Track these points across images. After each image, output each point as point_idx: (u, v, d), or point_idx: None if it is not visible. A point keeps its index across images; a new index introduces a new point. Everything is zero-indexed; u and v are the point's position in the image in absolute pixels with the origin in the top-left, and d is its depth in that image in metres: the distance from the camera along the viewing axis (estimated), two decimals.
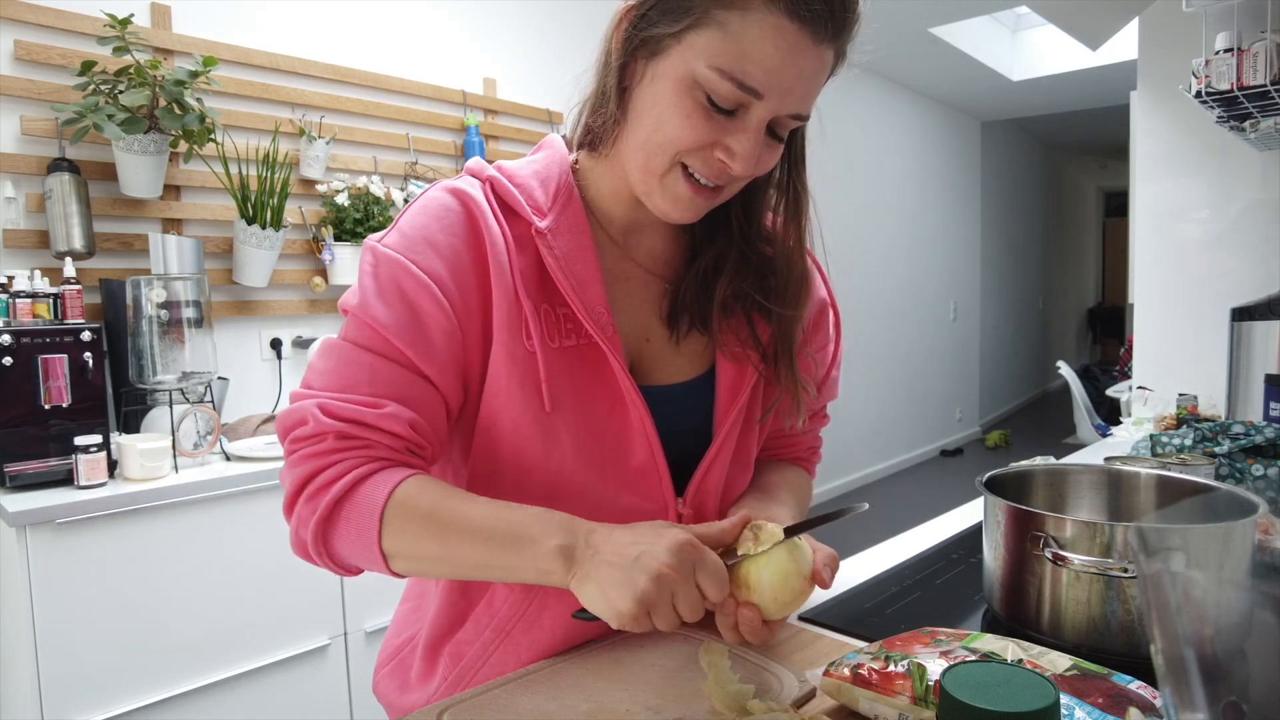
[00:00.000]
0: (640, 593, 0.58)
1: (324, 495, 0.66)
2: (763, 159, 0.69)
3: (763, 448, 0.90)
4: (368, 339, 0.69)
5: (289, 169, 2.32)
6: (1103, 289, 10.95)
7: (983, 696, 0.44)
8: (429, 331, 0.69)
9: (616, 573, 0.60)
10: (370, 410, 0.67)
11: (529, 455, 0.73)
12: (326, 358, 0.70)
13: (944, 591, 0.93)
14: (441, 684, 0.80)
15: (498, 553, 0.64)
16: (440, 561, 0.67)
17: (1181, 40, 2.20)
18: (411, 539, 0.65)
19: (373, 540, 0.65)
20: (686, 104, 0.66)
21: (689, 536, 0.62)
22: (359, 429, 0.67)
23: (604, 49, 0.73)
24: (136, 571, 1.63)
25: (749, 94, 0.64)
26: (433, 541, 0.65)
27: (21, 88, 1.92)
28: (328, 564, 0.70)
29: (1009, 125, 7.39)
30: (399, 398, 0.68)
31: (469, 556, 0.65)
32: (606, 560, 0.61)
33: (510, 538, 0.64)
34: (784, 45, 0.63)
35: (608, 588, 0.60)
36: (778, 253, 0.80)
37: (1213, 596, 0.38)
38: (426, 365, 0.69)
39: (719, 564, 0.62)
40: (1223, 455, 1.34)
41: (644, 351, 0.79)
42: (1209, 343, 2.14)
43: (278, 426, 0.70)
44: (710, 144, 0.67)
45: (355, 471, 0.67)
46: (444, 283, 0.69)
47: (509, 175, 0.75)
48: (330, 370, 0.69)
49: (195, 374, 1.88)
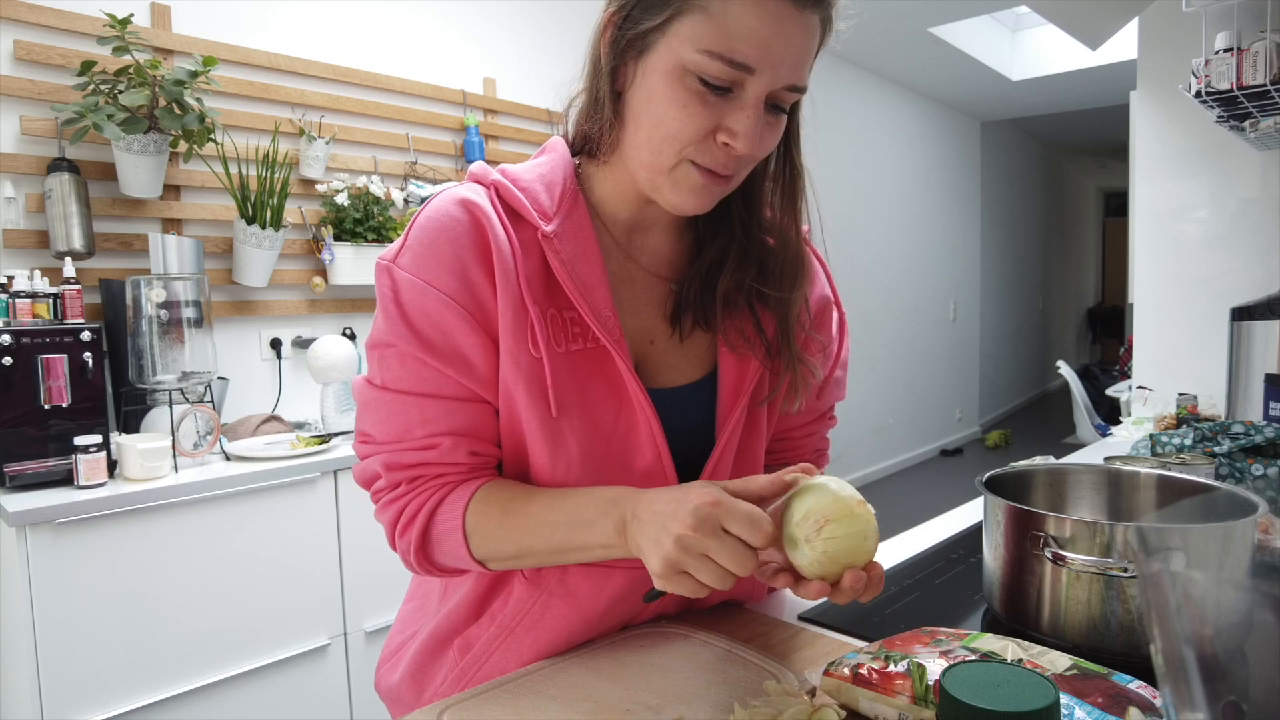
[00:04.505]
0: (665, 554, 0.60)
1: (411, 529, 0.74)
2: (765, 137, 0.69)
3: (770, 451, 0.90)
4: (410, 376, 0.72)
5: (289, 169, 2.32)
6: (1103, 289, 10.96)
7: (983, 696, 0.44)
8: (463, 348, 0.71)
9: (648, 538, 0.62)
10: (429, 452, 0.73)
11: (535, 461, 0.74)
12: (375, 408, 0.74)
13: (944, 591, 0.93)
14: (447, 677, 0.80)
15: (565, 540, 0.69)
16: (523, 557, 0.73)
17: (1181, 40, 2.20)
18: (494, 546, 0.72)
19: (464, 555, 0.73)
20: (681, 94, 0.66)
21: (713, 493, 0.60)
22: (424, 469, 0.74)
23: (591, 57, 0.73)
24: (136, 571, 1.63)
25: (741, 70, 0.64)
26: (510, 544, 0.71)
27: (21, 88, 1.92)
28: (441, 576, 0.79)
29: (1009, 125, 7.39)
30: (452, 430, 0.73)
31: (543, 548, 0.71)
32: (642, 527, 0.63)
33: (570, 525, 0.69)
34: (767, 17, 0.63)
35: (646, 553, 0.62)
36: (775, 236, 0.80)
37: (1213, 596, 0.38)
38: (470, 380, 0.72)
39: (751, 510, 0.60)
40: (1223, 455, 1.34)
41: (648, 354, 0.79)
42: (1209, 342, 2.14)
43: (357, 480, 0.79)
44: (712, 131, 0.67)
45: (429, 502, 0.74)
46: (462, 297, 0.71)
47: (514, 179, 0.75)
48: (382, 420, 0.74)
49: (195, 374, 1.88)
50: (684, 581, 0.61)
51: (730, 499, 0.60)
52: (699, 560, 0.59)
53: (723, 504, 0.60)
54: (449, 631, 0.81)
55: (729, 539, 0.59)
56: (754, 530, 0.59)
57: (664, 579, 0.61)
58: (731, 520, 0.59)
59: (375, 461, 0.74)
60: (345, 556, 1.93)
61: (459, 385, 0.71)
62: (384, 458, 0.73)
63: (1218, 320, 1.87)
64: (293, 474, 1.85)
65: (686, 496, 0.61)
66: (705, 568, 0.59)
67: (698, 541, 0.59)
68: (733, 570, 0.59)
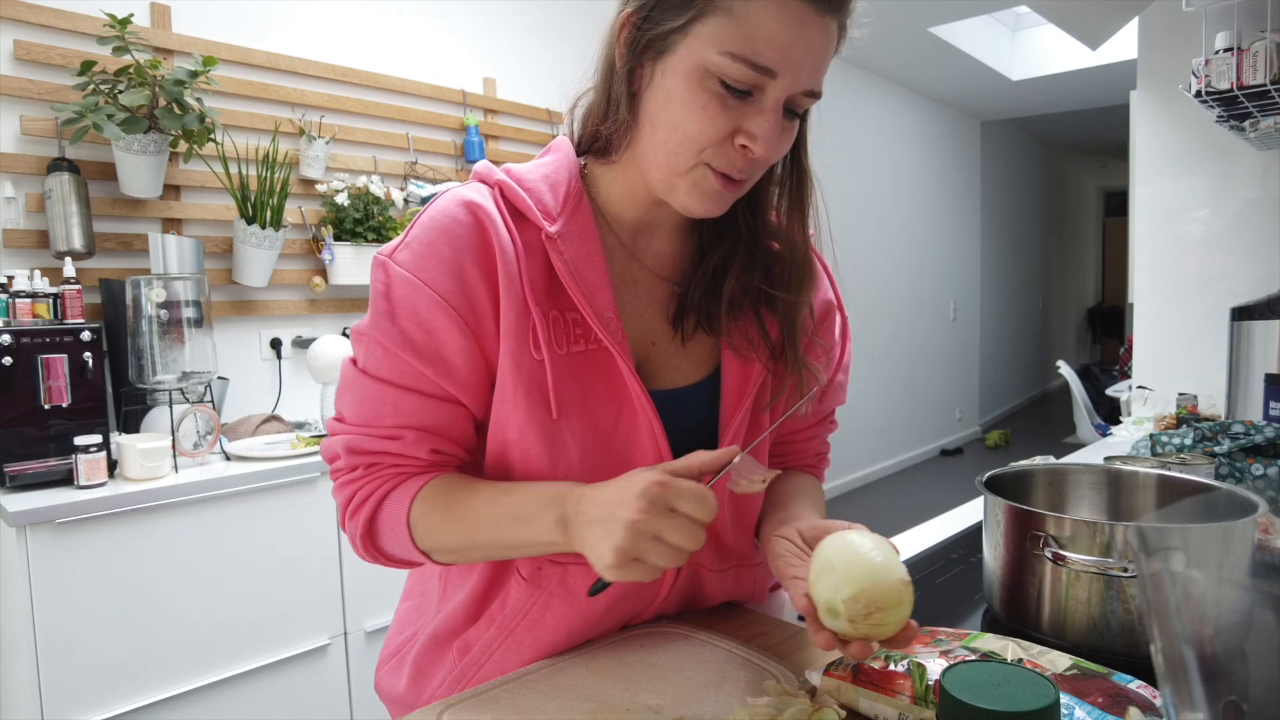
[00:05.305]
0: (617, 543, 0.60)
1: (360, 514, 0.75)
2: (781, 141, 0.69)
3: (771, 454, 0.90)
4: (388, 368, 0.72)
5: (289, 169, 2.32)
6: (1103, 289, 10.96)
7: (983, 696, 0.44)
8: (445, 349, 0.71)
9: (596, 529, 0.62)
10: (392, 443, 0.73)
11: (535, 462, 0.73)
12: (351, 388, 0.75)
13: (944, 591, 0.93)
14: (446, 678, 0.80)
15: (505, 536, 0.69)
16: (466, 551, 0.73)
17: (1181, 40, 2.20)
18: (435, 537, 0.72)
19: (408, 545, 0.73)
20: (701, 96, 0.66)
21: (658, 475, 0.61)
22: (382, 457, 0.74)
23: (606, 56, 0.73)
24: (136, 571, 1.63)
25: (763, 74, 0.64)
26: (451, 536, 0.72)
27: (21, 88, 1.92)
28: (387, 565, 0.79)
29: (1009, 125, 7.39)
30: (419, 425, 0.73)
31: (485, 543, 0.71)
32: (587, 521, 0.63)
33: (511, 519, 0.69)
34: (790, 21, 0.63)
35: (592, 546, 0.62)
36: (782, 240, 0.80)
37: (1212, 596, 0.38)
38: (447, 382, 0.72)
39: (697, 488, 0.61)
40: (1223, 455, 1.34)
41: (650, 355, 0.79)
42: (1209, 342, 2.14)
43: (322, 455, 0.80)
44: (730, 134, 0.67)
45: (380, 489, 0.74)
46: (455, 299, 0.70)
47: (518, 179, 0.75)
48: (354, 402, 0.75)
49: (195, 374, 1.88)
50: (635, 568, 0.61)
51: (675, 479, 0.61)
52: (651, 543, 0.60)
53: (669, 484, 0.61)
54: (448, 634, 0.81)
55: (678, 517, 0.60)
56: (702, 506, 0.61)
57: (616, 569, 0.61)
58: (679, 499, 0.60)
59: (338, 442, 0.75)
60: (345, 556, 1.93)
61: (435, 384, 0.72)
62: (348, 439, 0.74)
63: (1218, 320, 1.87)
64: (293, 474, 1.85)
65: (630, 483, 0.62)
66: (657, 549, 0.60)
67: (649, 523, 0.59)
68: (685, 546, 0.60)
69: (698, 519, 0.61)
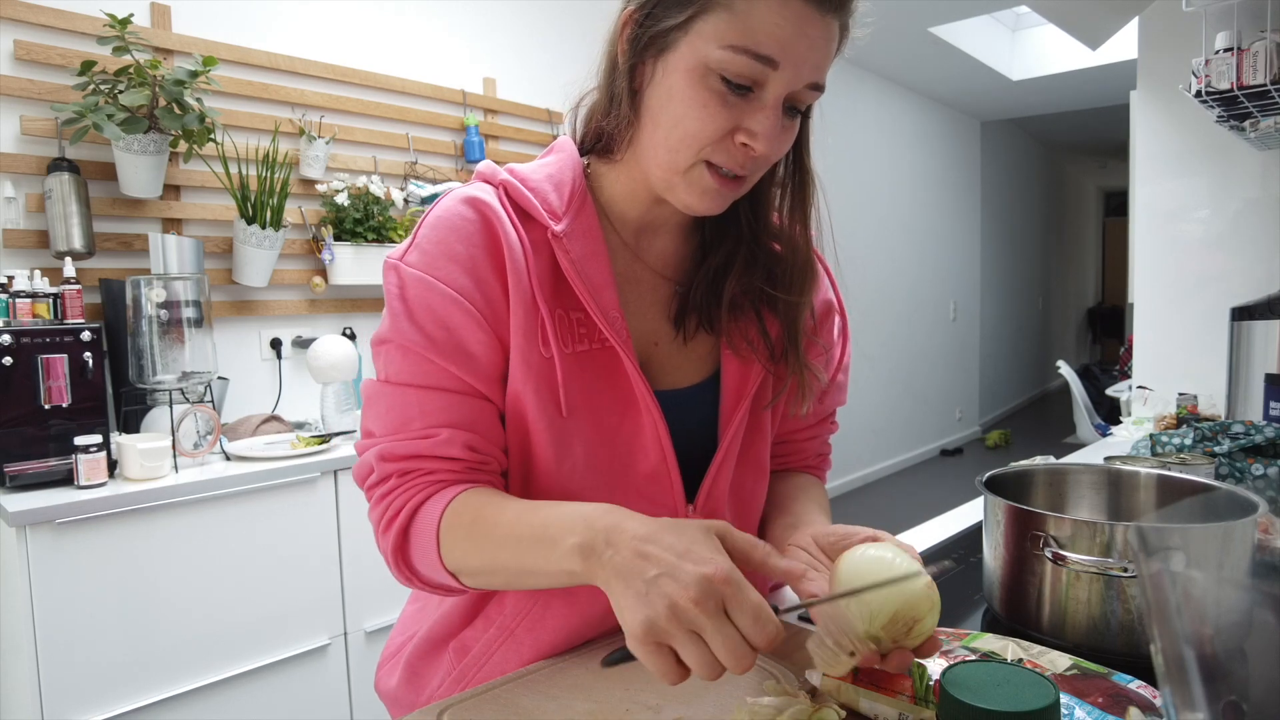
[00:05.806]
0: (652, 617, 0.51)
1: (394, 527, 0.70)
2: (782, 139, 0.69)
3: (772, 455, 0.90)
4: (410, 370, 0.71)
5: (289, 169, 2.32)
6: (1103, 289, 10.96)
7: (983, 696, 0.44)
8: (467, 345, 0.70)
9: (630, 590, 0.52)
10: (425, 442, 0.70)
11: (541, 461, 0.73)
12: (376, 402, 0.73)
13: (944, 591, 0.93)
14: (445, 679, 0.80)
15: (527, 560, 0.62)
16: (490, 574, 0.67)
17: (1181, 40, 2.20)
18: (462, 554, 0.67)
19: (436, 561, 0.68)
20: (702, 94, 0.66)
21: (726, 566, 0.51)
22: (417, 461, 0.70)
23: (608, 54, 0.73)
24: (136, 571, 1.63)
25: (765, 64, 0.64)
26: (476, 555, 0.66)
27: (21, 88, 1.92)
28: (423, 589, 0.74)
29: (1009, 125, 7.39)
30: (451, 423, 0.70)
31: (508, 565, 0.64)
32: (621, 569, 0.53)
33: (533, 541, 0.61)
34: (791, 17, 0.63)
35: (621, 603, 0.53)
36: (783, 241, 0.80)
37: (1213, 596, 0.38)
38: (472, 377, 0.71)
39: (762, 606, 0.51)
40: (1223, 455, 1.34)
41: (653, 355, 0.79)
42: (1209, 342, 2.14)
43: (355, 478, 0.75)
44: (730, 132, 0.67)
45: (415, 498, 0.70)
46: (471, 294, 0.70)
47: (522, 179, 0.75)
48: (382, 414, 0.72)
49: (195, 374, 1.88)
50: (662, 655, 0.51)
51: (743, 580, 0.52)
52: (688, 638, 0.50)
53: (733, 583, 0.51)
54: (444, 634, 0.81)
55: (729, 627, 0.50)
56: (759, 629, 0.50)
57: (640, 644, 0.51)
58: (739, 608, 0.51)
59: (371, 454, 0.72)
60: (345, 556, 1.93)
61: (460, 380, 0.71)
62: (380, 448, 0.71)
63: (1218, 320, 1.87)
64: (293, 474, 1.85)
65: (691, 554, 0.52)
66: (694, 649, 0.51)
67: (696, 616, 0.50)
68: (725, 664, 0.50)
69: (750, 639, 0.51)
